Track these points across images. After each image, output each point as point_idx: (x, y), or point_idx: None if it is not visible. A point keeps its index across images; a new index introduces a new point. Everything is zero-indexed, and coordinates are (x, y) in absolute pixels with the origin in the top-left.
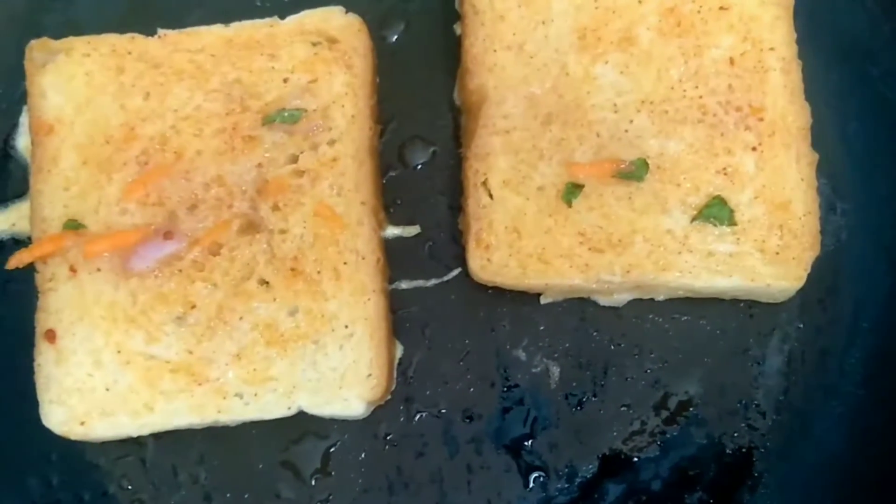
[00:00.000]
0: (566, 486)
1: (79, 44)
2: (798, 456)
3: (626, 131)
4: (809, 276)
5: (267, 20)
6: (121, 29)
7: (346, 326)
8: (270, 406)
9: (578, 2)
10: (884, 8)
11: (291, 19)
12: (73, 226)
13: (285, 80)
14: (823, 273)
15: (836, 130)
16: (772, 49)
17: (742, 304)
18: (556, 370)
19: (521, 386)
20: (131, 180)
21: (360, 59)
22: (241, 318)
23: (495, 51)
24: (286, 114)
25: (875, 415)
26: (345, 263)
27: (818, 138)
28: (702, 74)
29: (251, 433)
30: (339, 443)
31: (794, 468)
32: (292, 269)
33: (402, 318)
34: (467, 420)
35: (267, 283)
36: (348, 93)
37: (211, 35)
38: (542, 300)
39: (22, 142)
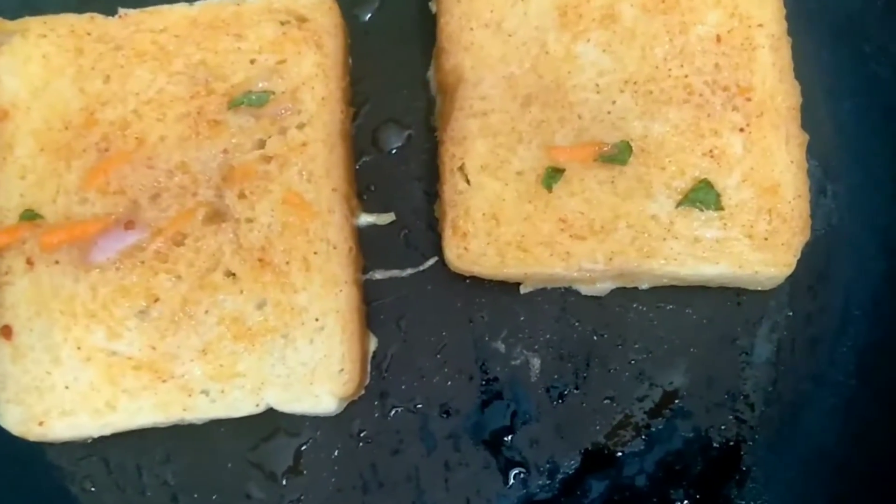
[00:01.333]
0: (547, 482)
1: (35, 24)
2: (787, 449)
3: (609, 113)
4: (799, 262)
5: None
6: (79, 8)
7: (317, 319)
8: (238, 403)
9: None
10: None
11: None
12: (30, 216)
13: (252, 62)
14: (814, 259)
15: (827, 110)
16: (760, 25)
17: (729, 292)
18: (536, 362)
19: (501, 379)
20: (91, 168)
21: (331, 39)
22: (206, 312)
23: (472, 29)
24: (253, 96)
25: (867, 405)
26: (315, 253)
27: (809, 118)
28: (687, 53)
29: (219, 431)
30: (311, 440)
31: (783, 461)
32: (260, 260)
33: (376, 309)
34: (444, 415)
35: (233, 274)
36: (318, 74)
37: (174, 14)
38: (522, 290)
39: None
